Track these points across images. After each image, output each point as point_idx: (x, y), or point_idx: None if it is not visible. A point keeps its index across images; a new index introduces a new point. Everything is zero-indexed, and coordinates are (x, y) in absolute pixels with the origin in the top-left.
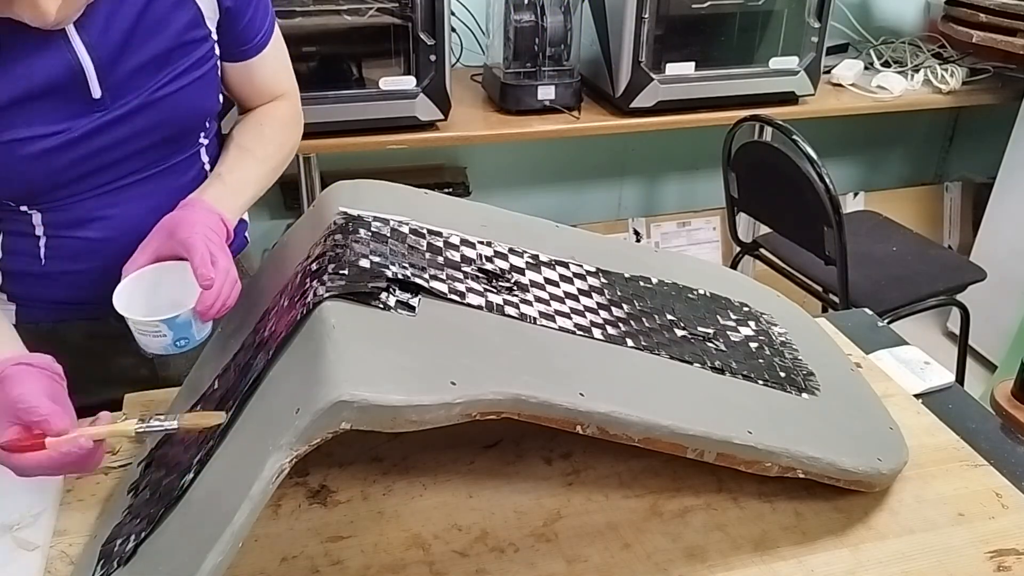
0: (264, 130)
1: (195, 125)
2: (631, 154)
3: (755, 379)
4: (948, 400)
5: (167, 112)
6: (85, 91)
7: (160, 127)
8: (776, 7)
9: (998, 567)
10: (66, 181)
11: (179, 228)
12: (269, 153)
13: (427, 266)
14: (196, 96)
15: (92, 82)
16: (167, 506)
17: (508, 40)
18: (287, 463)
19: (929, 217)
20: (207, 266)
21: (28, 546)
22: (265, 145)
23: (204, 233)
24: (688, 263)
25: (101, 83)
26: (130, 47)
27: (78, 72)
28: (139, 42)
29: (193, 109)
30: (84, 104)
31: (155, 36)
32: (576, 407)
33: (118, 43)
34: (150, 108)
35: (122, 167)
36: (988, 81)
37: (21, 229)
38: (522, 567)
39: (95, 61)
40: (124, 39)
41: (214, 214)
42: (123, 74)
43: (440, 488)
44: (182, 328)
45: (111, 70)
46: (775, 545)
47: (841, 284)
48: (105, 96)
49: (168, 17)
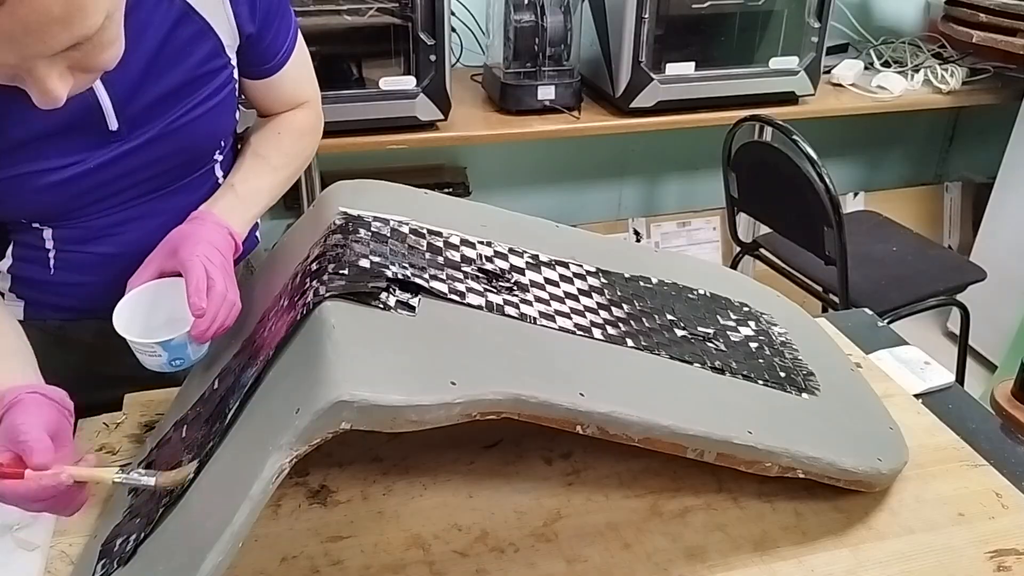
0: (282, 138)
1: (211, 147)
2: (631, 154)
3: (755, 379)
4: (948, 400)
5: (184, 140)
6: (102, 124)
7: (177, 154)
8: (776, 7)
9: (998, 567)
10: (79, 206)
11: (181, 247)
12: (284, 162)
13: (427, 266)
14: (213, 122)
15: (109, 116)
16: (167, 506)
17: (508, 40)
18: (287, 463)
19: (929, 217)
20: (199, 294)
21: (28, 546)
22: (281, 153)
23: (205, 253)
24: (688, 263)
25: (118, 116)
26: (148, 80)
27: (95, 107)
28: (157, 74)
29: (210, 134)
30: (100, 136)
31: (174, 68)
32: (576, 407)
33: (136, 77)
34: (167, 138)
35: (136, 189)
36: (988, 81)
37: (31, 241)
38: (522, 567)
39: (112, 96)
40: (143, 73)
41: (222, 228)
42: (141, 106)
43: (440, 488)
44: (177, 349)
45: (128, 103)
46: (775, 545)
47: (841, 284)
48: (122, 128)
49: (187, 49)
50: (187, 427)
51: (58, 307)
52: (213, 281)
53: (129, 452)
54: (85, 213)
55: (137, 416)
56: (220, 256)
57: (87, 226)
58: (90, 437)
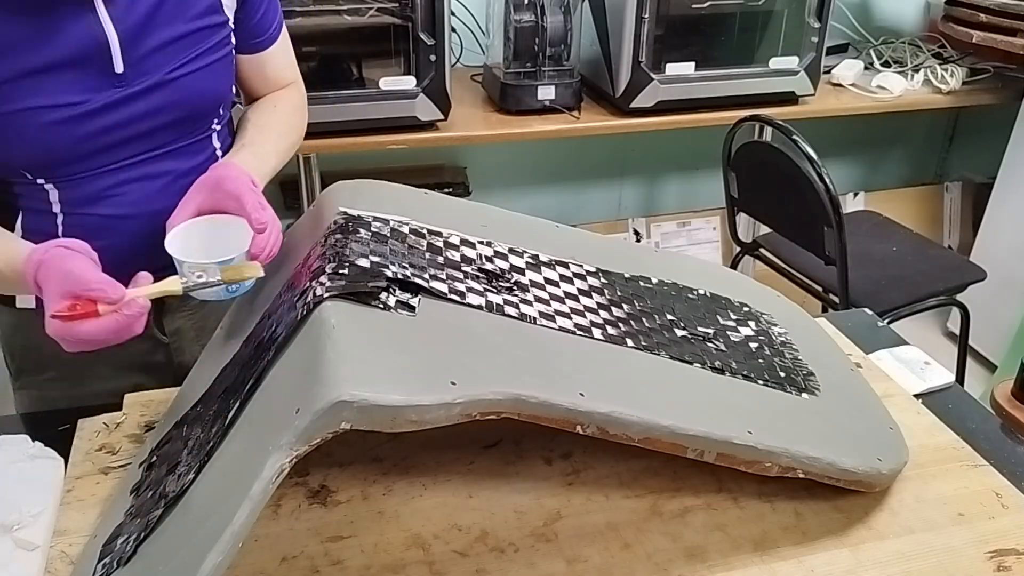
0: (278, 110)
1: (209, 108)
2: (631, 154)
3: (755, 379)
4: (948, 400)
5: (184, 92)
6: (108, 65)
7: (176, 107)
8: (776, 7)
9: (998, 567)
10: (83, 154)
11: (224, 181)
12: (285, 130)
13: (427, 266)
14: (212, 79)
15: (116, 56)
16: (167, 506)
17: (508, 40)
18: (287, 463)
19: (929, 217)
20: (259, 211)
21: (28, 546)
22: (281, 122)
23: (248, 183)
24: (688, 263)
25: (124, 58)
26: (153, 25)
27: (103, 45)
28: (162, 21)
29: (208, 92)
30: (106, 78)
31: (177, 18)
32: (576, 407)
33: (142, 20)
34: (168, 87)
35: (136, 144)
36: (988, 81)
37: (39, 207)
38: (522, 567)
39: (120, 35)
40: (148, 17)
41: (246, 174)
42: (145, 51)
43: (440, 488)
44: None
45: (134, 46)
46: (775, 545)
47: (841, 284)
48: (127, 71)
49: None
50: (188, 426)
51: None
52: (263, 204)
53: (129, 452)
54: (88, 166)
55: (137, 416)
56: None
57: (90, 186)
58: (90, 437)
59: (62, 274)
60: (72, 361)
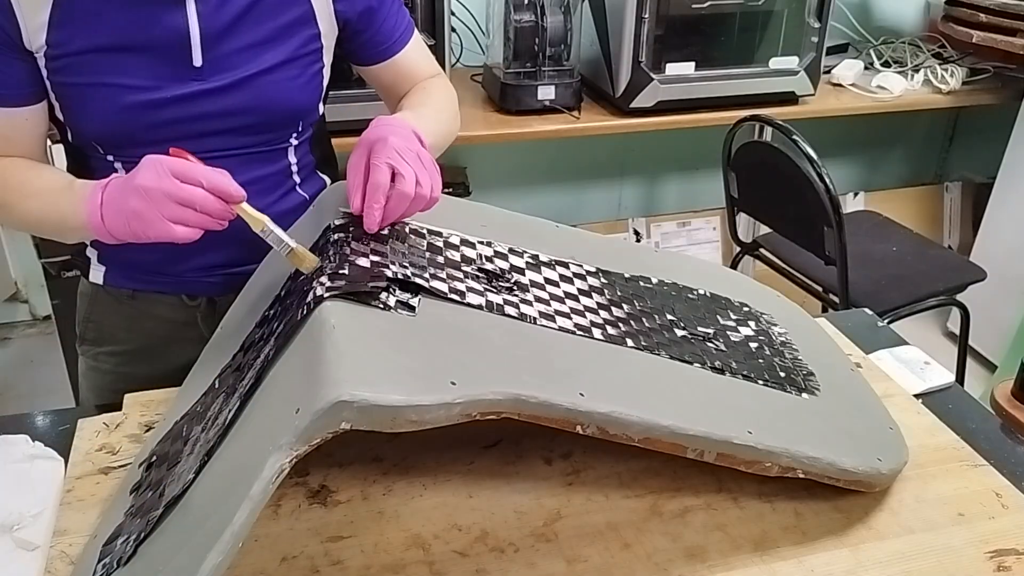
0: (430, 92)
1: (286, 119)
2: (631, 154)
3: (755, 379)
4: (948, 400)
5: (260, 97)
6: (187, 57)
7: (251, 110)
8: (776, 7)
9: (998, 567)
10: (153, 139)
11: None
12: (442, 106)
13: (427, 266)
14: (292, 89)
15: (195, 50)
16: (167, 506)
17: (508, 40)
18: (287, 463)
19: (929, 217)
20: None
21: (28, 546)
22: (437, 99)
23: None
24: (688, 263)
25: (204, 54)
26: (239, 27)
27: (184, 38)
28: (250, 24)
29: (287, 101)
30: (184, 69)
31: (265, 23)
32: (576, 407)
33: (228, 22)
34: (245, 89)
35: (208, 141)
36: (988, 81)
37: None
38: (522, 567)
39: (203, 31)
40: (237, 18)
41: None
42: (227, 50)
43: (440, 488)
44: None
45: (216, 44)
46: (775, 545)
47: (841, 284)
48: (205, 67)
49: (281, 7)
50: (187, 426)
51: (129, 266)
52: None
53: (129, 452)
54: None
55: (137, 416)
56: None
57: None
58: (90, 437)
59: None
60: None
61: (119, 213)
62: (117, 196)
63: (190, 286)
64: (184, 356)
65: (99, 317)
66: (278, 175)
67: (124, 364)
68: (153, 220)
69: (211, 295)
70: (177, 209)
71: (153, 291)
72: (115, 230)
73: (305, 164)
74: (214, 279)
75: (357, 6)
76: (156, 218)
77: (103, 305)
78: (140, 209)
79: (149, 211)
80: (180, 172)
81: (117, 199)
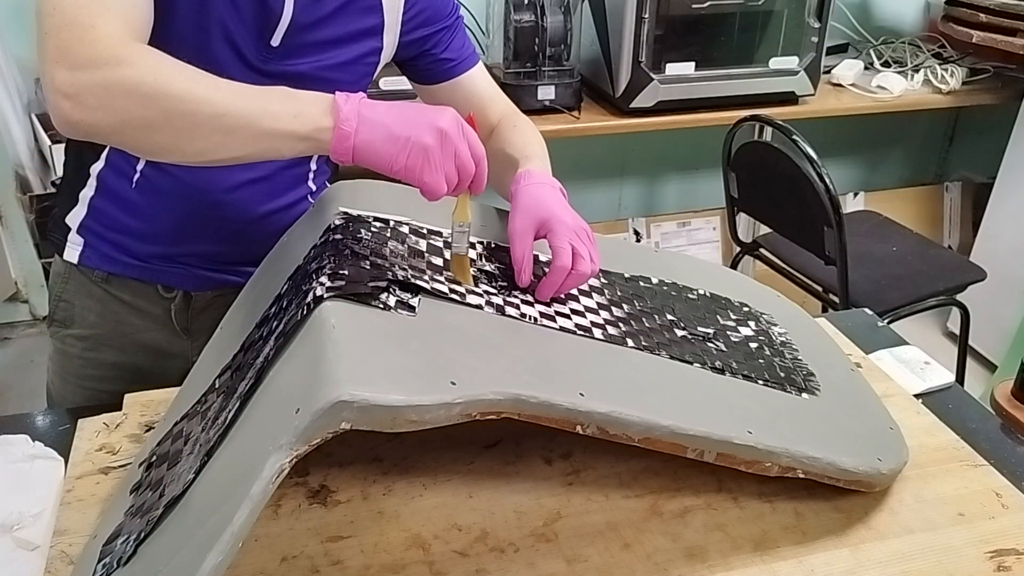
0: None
1: None
2: (631, 154)
3: (755, 379)
4: (948, 400)
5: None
6: (267, 35)
7: None
8: (776, 7)
9: (998, 567)
10: None
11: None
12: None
13: (427, 266)
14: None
15: (279, 32)
16: (167, 506)
17: (508, 40)
18: (287, 463)
19: (929, 217)
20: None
21: (28, 546)
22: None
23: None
24: (688, 263)
25: (283, 38)
26: (324, 23)
27: (275, 18)
28: (332, 23)
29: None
30: (259, 46)
31: (346, 24)
32: (576, 407)
33: (318, 15)
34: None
35: None
36: (988, 81)
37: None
38: (522, 567)
39: (293, 18)
40: (326, 16)
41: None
42: (302, 41)
43: (440, 488)
44: None
45: (297, 33)
46: (775, 545)
47: (841, 284)
48: (279, 49)
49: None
50: (187, 426)
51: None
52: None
53: (129, 452)
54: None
55: (137, 416)
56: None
57: None
58: (90, 437)
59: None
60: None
61: (393, 139)
62: (395, 119)
63: (168, 276)
64: (154, 348)
65: (70, 297)
66: (297, 179)
67: (91, 349)
68: (435, 164)
69: (187, 289)
70: (452, 170)
71: (129, 277)
72: (374, 146)
73: (321, 172)
74: (193, 272)
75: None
76: (439, 165)
77: (75, 285)
78: (432, 148)
79: (437, 155)
80: (473, 144)
81: (397, 123)
